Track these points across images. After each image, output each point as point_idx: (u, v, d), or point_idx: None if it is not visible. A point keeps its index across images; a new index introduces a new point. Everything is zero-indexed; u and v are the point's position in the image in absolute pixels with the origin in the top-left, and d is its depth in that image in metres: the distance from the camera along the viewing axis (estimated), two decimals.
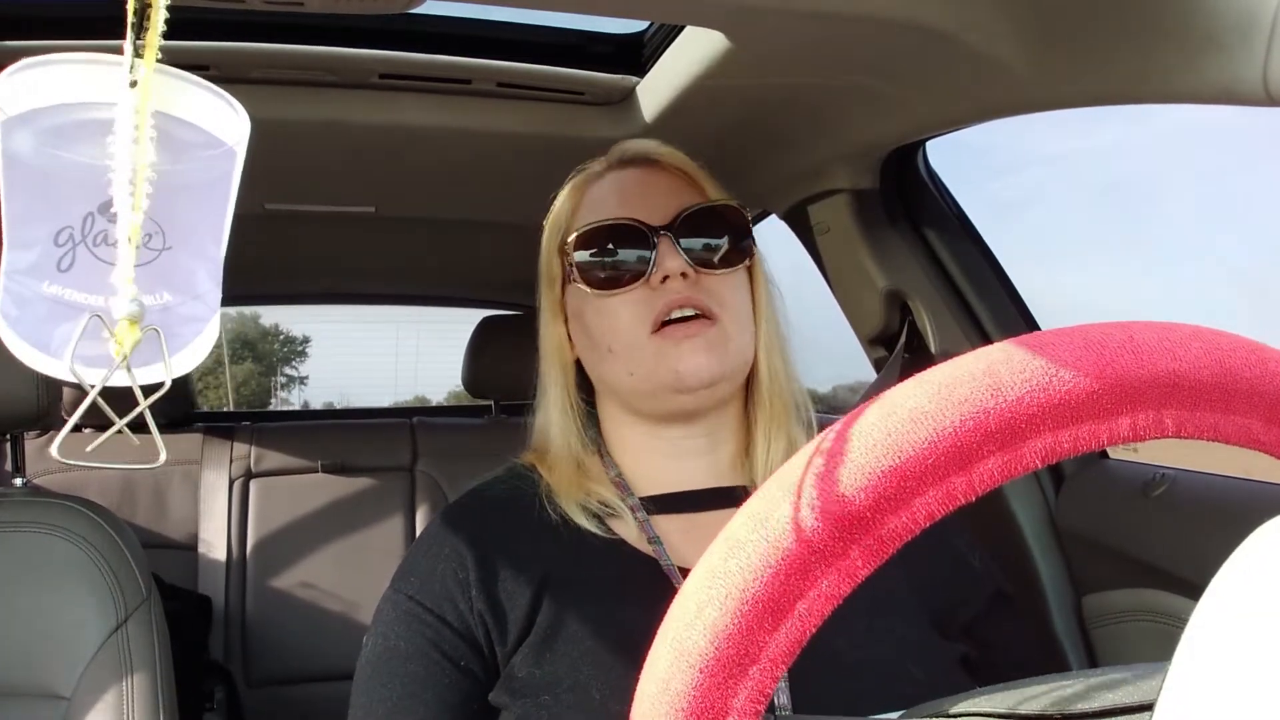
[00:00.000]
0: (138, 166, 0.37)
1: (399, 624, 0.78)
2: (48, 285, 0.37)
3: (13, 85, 0.37)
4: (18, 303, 0.37)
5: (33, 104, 0.37)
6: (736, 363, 0.81)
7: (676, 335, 0.78)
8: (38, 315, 0.37)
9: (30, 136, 0.37)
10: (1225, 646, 0.27)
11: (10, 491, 1.18)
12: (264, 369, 18.43)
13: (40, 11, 1.14)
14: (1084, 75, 0.85)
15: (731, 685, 0.32)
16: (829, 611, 0.32)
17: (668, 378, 0.78)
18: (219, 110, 0.41)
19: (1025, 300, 1.41)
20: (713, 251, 0.81)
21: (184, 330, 0.39)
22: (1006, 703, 0.37)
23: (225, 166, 0.41)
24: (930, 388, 0.33)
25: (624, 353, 0.80)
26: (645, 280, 0.79)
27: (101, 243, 0.38)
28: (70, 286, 0.37)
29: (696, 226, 0.81)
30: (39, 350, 0.37)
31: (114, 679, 1.07)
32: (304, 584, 2.02)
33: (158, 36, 0.37)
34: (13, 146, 0.37)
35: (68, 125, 0.37)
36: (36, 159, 0.37)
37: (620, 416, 0.85)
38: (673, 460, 0.84)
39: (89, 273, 0.37)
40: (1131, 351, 0.34)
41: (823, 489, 0.32)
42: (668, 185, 0.84)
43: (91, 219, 0.38)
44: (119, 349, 0.36)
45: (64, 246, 0.37)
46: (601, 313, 0.81)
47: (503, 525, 0.82)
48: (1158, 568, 1.12)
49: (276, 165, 1.44)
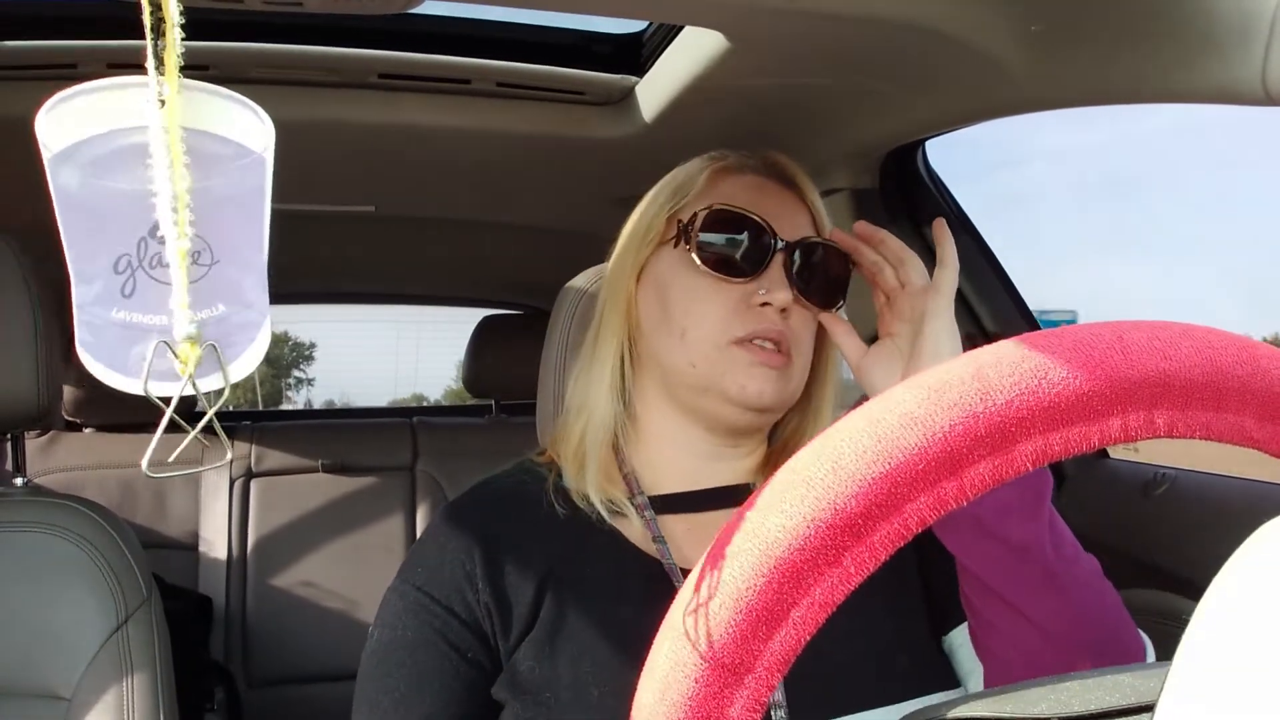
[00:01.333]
0: (177, 192, 0.39)
1: (406, 614, 0.78)
2: (115, 312, 0.40)
3: (50, 122, 0.39)
4: (92, 331, 0.40)
5: (71, 139, 0.39)
6: (791, 399, 0.83)
7: (756, 356, 0.79)
8: (111, 340, 0.40)
9: (75, 171, 0.39)
10: (1225, 646, 0.27)
11: (10, 491, 1.18)
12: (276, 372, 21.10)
13: (40, 11, 1.14)
14: (1084, 75, 0.85)
15: (728, 694, 0.32)
16: (824, 619, 0.32)
17: (731, 388, 0.78)
18: (245, 119, 0.42)
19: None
20: (813, 289, 0.82)
21: (239, 338, 0.42)
22: (1004, 705, 0.37)
23: (258, 174, 0.42)
24: (920, 392, 0.33)
25: (696, 344, 0.80)
26: (750, 284, 0.80)
27: (157, 264, 0.40)
28: (135, 310, 0.40)
29: (809, 258, 0.82)
30: (118, 373, 0.40)
31: (114, 679, 1.07)
32: (305, 584, 2.02)
33: (176, 56, 0.37)
34: (61, 183, 0.39)
35: (106, 155, 0.39)
36: (83, 193, 0.39)
37: (655, 400, 0.84)
38: (690, 459, 0.84)
39: (150, 295, 0.40)
40: (1121, 352, 0.34)
41: (814, 496, 0.32)
42: (797, 207, 0.85)
43: (145, 243, 0.40)
44: (184, 368, 0.39)
45: (124, 274, 0.40)
46: (691, 293, 0.81)
47: (509, 520, 0.82)
48: (1158, 568, 1.12)
49: (277, 165, 1.43)
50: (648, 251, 0.85)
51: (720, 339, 0.79)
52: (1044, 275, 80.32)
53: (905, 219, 1.41)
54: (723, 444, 0.84)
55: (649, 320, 0.84)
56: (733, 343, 0.79)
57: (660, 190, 0.87)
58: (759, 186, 0.85)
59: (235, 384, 0.41)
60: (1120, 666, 0.37)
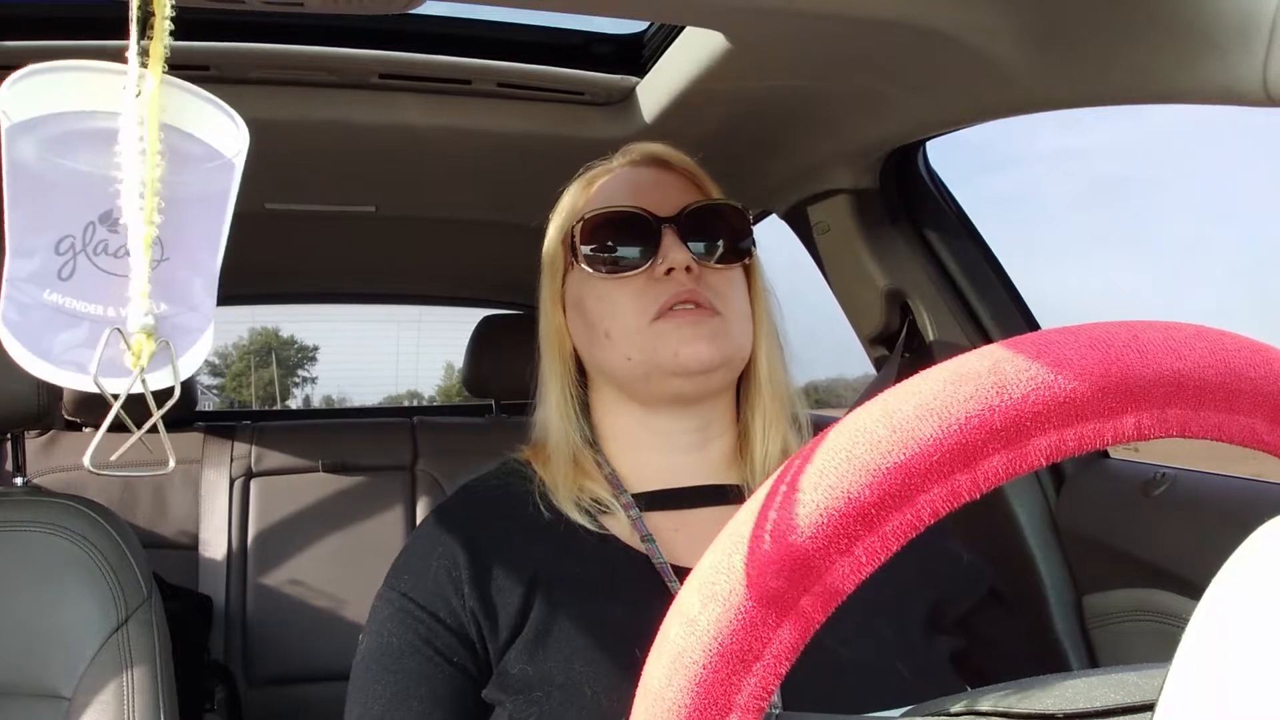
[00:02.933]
0: (149, 180, 0.37)
1: (392, 621, 0.79)
2: (48, 293, 0.38)
3: (16, 92, 0.38)
4: (19, 310, 0.37)
5: (36, 111, 0.38)
6: (735, 353, 0.82)
7: (679, 320, 0.79)
8: (38, 322, 0.38)
9: (34, 144, 0.37)
10: (1225, 646, 0.27)
11: (11, 491, 1.18)
12: (285, 372, 23.78)
13: (40, 11, 1.14)
14: (1084, 75, 0.85)
15: (735, 681, 0.32)
16: (833, 607, 0.32)
17: (667, 360, 0.79)
18: (219, 122, 0.41)
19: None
20: (715, 248, 0.83)
21: (179, 341, 0.40)
22: (1007, 702, 0.37)
23: (225, 179, 0.41)
24: (935, 385, 0.33)
25: (622, 338, 0.81)
26: (649, 269, 0.81)
27: (102, 252, 0.38)
28: (70, 295, 0.38)
29: (700, 222, 0.83)
30: (38, 357, 0.38)
31: (114, 679, 1.07)
32: (304, 583, 2.02)
33: (163, 48, 0.37)
34: (16, 154, 0.37)
35: (71, 134, 0.38)
36: (39, 167, 0.38)
37: (614, 406, 0.86)
38: (665, 455, 0.84)
39: (89, 282, 0.38)
40: (1136, 351, 0.34)
41: (827, 485, 0.32)
42: (675, 184, 0.86)
43: (93, 228, 0.38)
44: (136, 361, 0.37)
45: (65, 255, 0.38)
46: (603, 298, 0.82)
47: (495, 522, 0.82)
48: (1158, 568, 1.12)
49: (277, 165, 1.44)
50: (559, 281, 0.87)
51: (640, 322, 0.80)
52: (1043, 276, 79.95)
53: (905, 220, 1.41)
54: (691, 429, 0.84)
55: (580, 339, 0.86)
56: (653, 320, 0.80)
57: (555, 219, 0.89)
58: (632, 178, 0.87)
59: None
60: (1124, 665, 0.37)
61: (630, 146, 0.90)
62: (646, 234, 0.82)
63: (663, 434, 0.84)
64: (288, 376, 24.37)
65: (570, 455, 0.84)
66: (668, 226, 0.82)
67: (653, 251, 0.81)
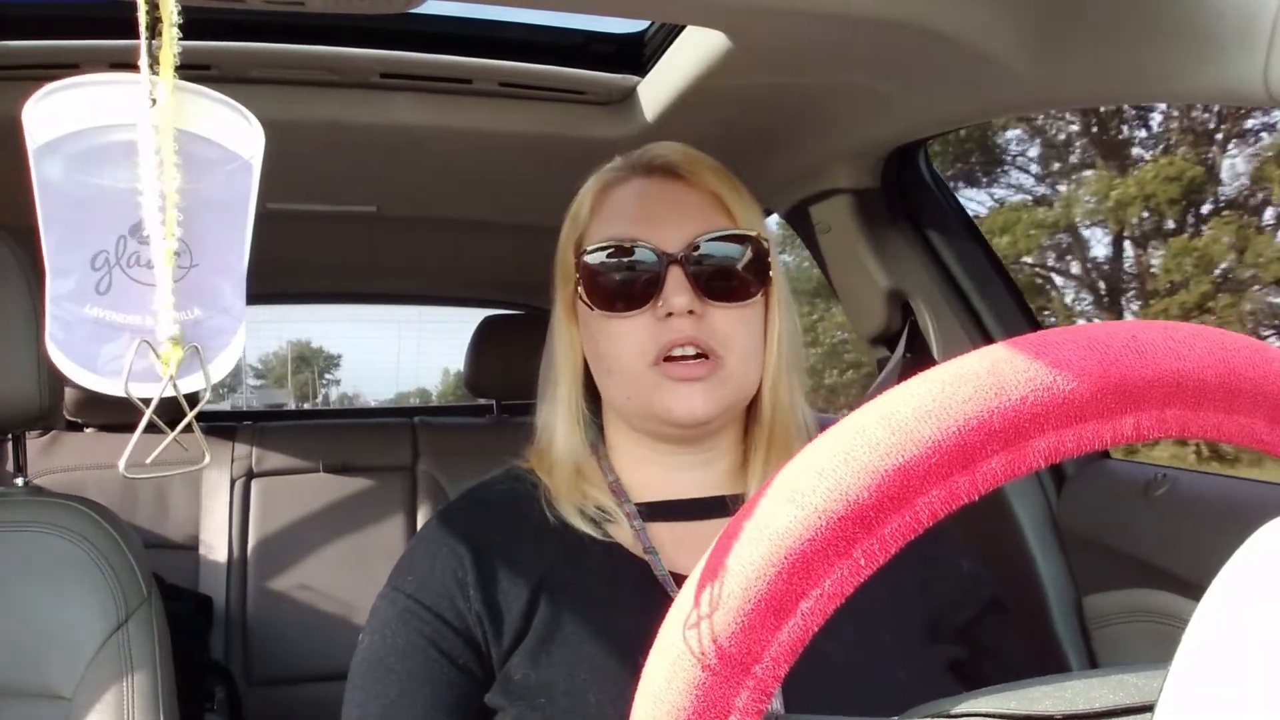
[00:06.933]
0: (166, 192, 0.38)
1: (396, 621, 0.78)
2: (89, 308, 0.39)
3: (38, 113, 0.39)
4: (64, 327, 0.39)
5: (58, 131, 0.39)
6: (735, 400, 0.80)
7: (675, 374, 0.77)
8: (82, 337, 0.39)
9: (60, 164, 0.39)
10: (1225, 646, 0.27)
11: (11, 491, 1.18)
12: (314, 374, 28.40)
13: (40, 12, 1.14)
14: (1084, 75, 0.85)
15: (734, 684, 0.32)
16: (831, 610, 0.32)
17: (661, 412, 0.78)
18: (234, 123, 0.42)
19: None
20: (723, 288, 0.79)
21: (213, 343, 0.41)
22: (1008, 703, 0.37)
23: (244, 181, 0.42)
24: (934, 386, 0.33)
25: (623, 377, 0.80)
26: (651, 308, 0.78)
27: (135, 264, 0.40)
28: (109, 308, 0.40)
29: (711, 255, 0.79)
30: (87, 370, 0.39)
31: (114, 679, 1.07)
32: (305, 584, 2.02)
33: (172, 55, 0.37)
34: (45, 175, 0.38)
35: (92, 150, 0.39)
36: (67, 186, 0.39)
37: (621, 427, 0.85)
38: (670, 472, 0.84)
39: (126, 293, 0.40)
40: (1135, 351, 0.34)
41: (826, 487, 0.32)
42: (690, 202, 0.81)
43: (124, 241, 0.39)
44: (165, 368, 0.39)
45: (100, 270, 0.39)
46: (605, 334, 0.80)
47: (500, 527, 0.82)
48: (1158, 568, 1.12)
49: (278, 165, 1.42)
50: (571, 289, 0.84)
51: (639, 366, 0.78)
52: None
53: (907, 220, 1.41)
54: (689, 454, 0.83)
55: (590, 357, 0.84)
56: (652, 364, 0.77)
57: (566, 221, 0.86)
58: (640, 194, 0.82)
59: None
60: (1123, 666, 0.37)
61: (648, 148, 0.85)
62: (650, 271, 0.78)
63: (663, 454, 0.84)
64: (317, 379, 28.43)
65: (573, 464, 0.84)
66: (673, 265, 0.78)
67: (656, 291, 0.78)
